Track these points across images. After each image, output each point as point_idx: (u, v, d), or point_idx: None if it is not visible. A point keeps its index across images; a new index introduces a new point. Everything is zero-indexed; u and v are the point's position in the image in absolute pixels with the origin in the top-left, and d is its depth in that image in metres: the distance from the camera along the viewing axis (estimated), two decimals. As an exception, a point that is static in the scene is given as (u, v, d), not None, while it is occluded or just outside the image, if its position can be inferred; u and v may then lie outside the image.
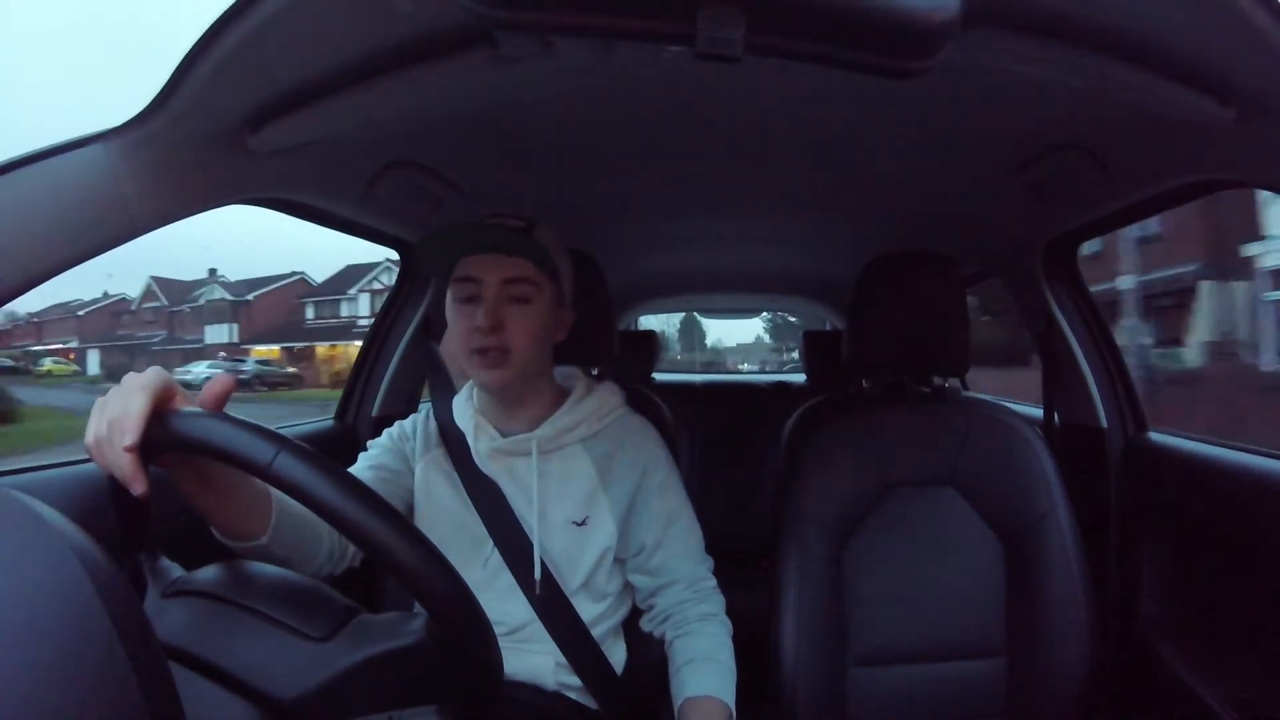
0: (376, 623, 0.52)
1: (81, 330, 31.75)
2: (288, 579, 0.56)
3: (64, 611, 0.35)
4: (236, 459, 0.47)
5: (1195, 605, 1.08)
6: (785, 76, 0.79)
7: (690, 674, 0.83)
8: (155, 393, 0.50)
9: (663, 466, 0.92)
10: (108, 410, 0.51)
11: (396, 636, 0.50)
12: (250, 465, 0.46)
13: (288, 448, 0.46)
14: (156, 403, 0.50)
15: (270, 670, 0.48)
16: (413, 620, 0.51)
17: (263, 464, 0.45)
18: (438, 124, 0.90)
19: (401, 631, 0.50)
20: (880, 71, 0.49)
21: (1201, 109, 0.65)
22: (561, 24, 0.48)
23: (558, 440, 0.89)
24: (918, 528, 1.02)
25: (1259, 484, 0.95)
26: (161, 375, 0.52)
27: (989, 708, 0.98)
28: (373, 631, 0.51)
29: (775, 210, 1.46)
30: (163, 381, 0.51)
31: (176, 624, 0.51)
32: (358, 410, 1.41)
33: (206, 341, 27.32)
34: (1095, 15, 0.57)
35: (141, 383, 0.51)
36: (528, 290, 0.83)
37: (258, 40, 0.58)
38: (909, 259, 1.11)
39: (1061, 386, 1.30)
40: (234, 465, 0.47)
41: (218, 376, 0.55)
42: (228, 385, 0.54)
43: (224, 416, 0.50)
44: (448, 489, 0.88)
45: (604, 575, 0.88)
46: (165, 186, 0.69)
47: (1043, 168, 1.01)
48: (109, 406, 0.51)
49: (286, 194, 0.94)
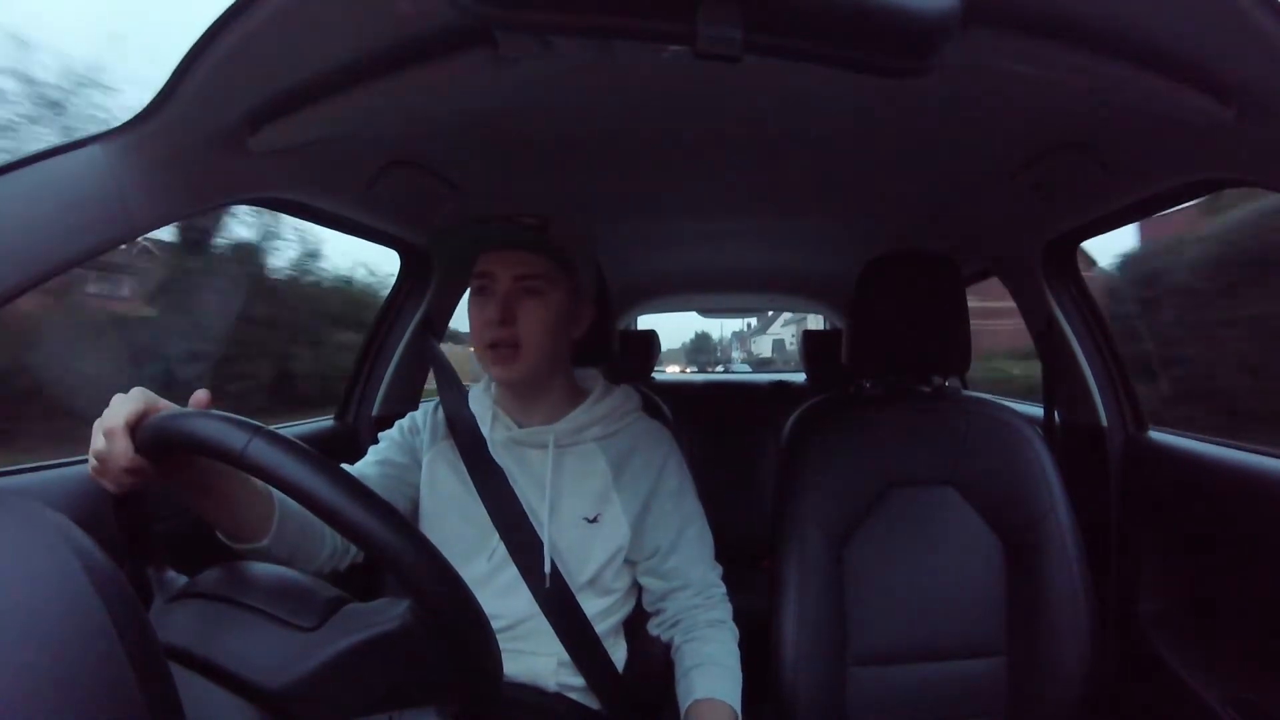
0: (363, 610, 0.52)
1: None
2: (280, 574, 0.57)
3: (64, 612, 0.35)
4: (211, 448, 0.48)
5: (1195, 605, 1.08)
6: (785, 76, 0.79)
7: (699, 678, 0.83)
8: (139, 404, 0.55)
9: (677, 471, 0.93)
10: (102, 425, 0.55)
11: (381, 622, 0.50)
12: (226, 454, 0.47)
13: (261, 435, 0.47)
14: (144, 412, 0.55)
15: (258, 661, 0.48)
16: (397, 605, 0.51)
17: (237, 450, 0.46)
18: (438, 124, 0.90)
19: (387, 617, 0.50)
20: (880, 71, 0.49)
21: (1201, 108, 0.65)
22: (561, 24, 0.48)
23: (575, 436, 0.89)
24: (918, 527, 1.02)
25: (1259, 483, 0.95)
26: (144, 390, 0.57)
27: (989, 707, 0.98)
28: (359, 618, 0.51)
29: (775, 210, 1.45)
30: (145, 395, 0.56)
31: (175, 625, 0.51)
32: (358, 410, 1.40)
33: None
34: (1095, 15, 0.57)
35: (127, 397, 0.56)
36: (540, 284, 0.84)
37: (258, 40, 0.58)
38: (909, 259, 1.11)
39: (1062, 386, 1.30)
40: (210, 455, 0.48)
41: (198, 393, 0.58)
42: (208, 398, 0.57)
43: (202, 412, 0.51)
44: (454, 480, 0.88)
45: (612, 573, 0.88)
46: (165, 186, 0.69)
47: (1043, 167, 1.01)
48: (102, 423, 0.55)
49: (286, 194, 0.94)
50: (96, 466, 0.55)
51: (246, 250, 3.34)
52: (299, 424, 1.37)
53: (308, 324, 3.55)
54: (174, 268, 3.18)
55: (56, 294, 2.29)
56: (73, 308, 2.51)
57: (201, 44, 0.59)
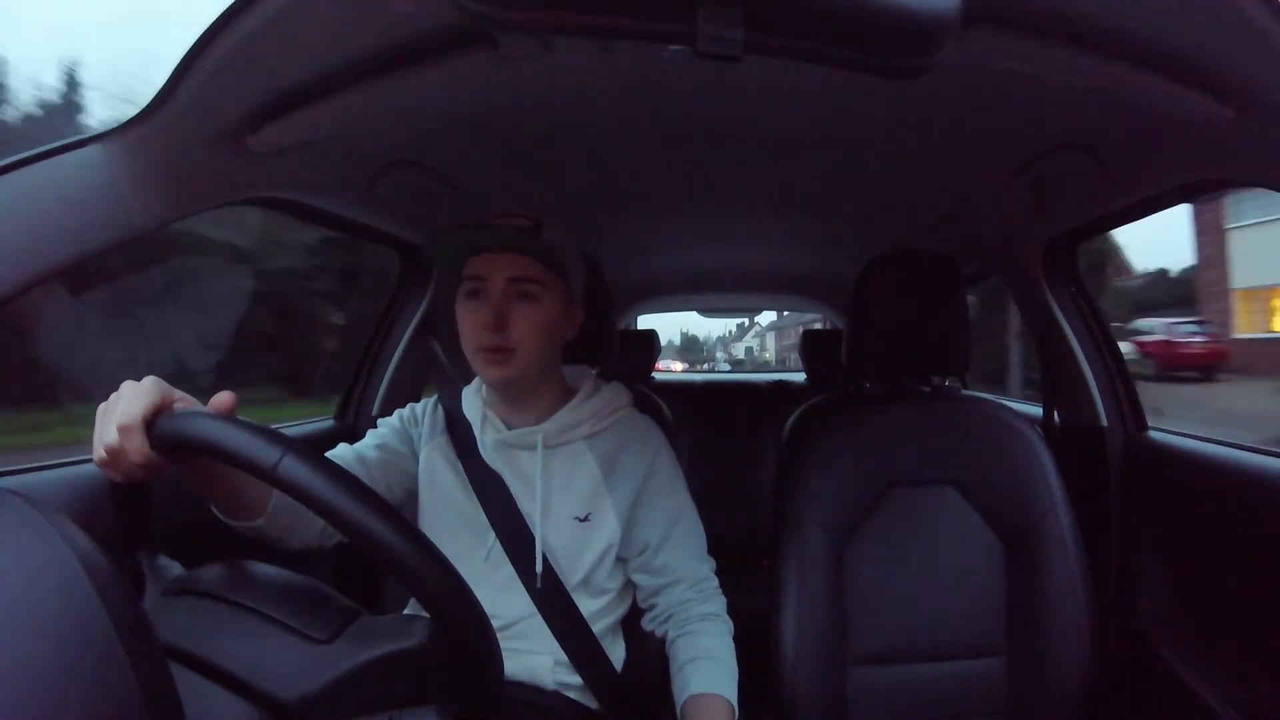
0: (379, 625, 0.52)
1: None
2: (290, 580, 0.56)
3: (64, 611, 0.35)
4: (240, 461, 0.47)
5: (1195, 604, 1.08)
6: (785, 76, 0.79)
7: (693, 672, 0.83)
8: (155, 398, 0.52)
9: (667, 466, 0.93)
10: (113, 418, 0.52)
11: (399, 639, 0.50)
12: (256, 469, 0.46)
13: (294, 450, 0.46)
14: (160, 405, 0.52)
15: (273, 671, 0.48)
16: (415, 622, 0.51)
17: (268, 466, 0.46)
18: (438, 124, 0.90)
19: (404, 633, 0.50)
20: (880, 71, 0.49)
21: (1201, 108, 0.65)
22: (561, 24, 0.48)
23: (563, 436, 0.89)
24: (918, 527, 1.02)
25: (1259, 483, 0.95)
26: (158, 381, 0.54)
27: (989, 707, 0.98)
28: (375, 633, 0.51)
29: (775, 210, 1.46)
30: (160, 386, 0.53)
31: (178, 624, 0.51)
32: (358, 410, 1.40)
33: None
34: (1095, 15, 0.57)
35: (142, 389, 0.53)
36: (534, 288, 0.83)
37: (257, 40, 0.58)
38: (909, 259, 1.11)
39: (1062, 385, 1.30)
40: (237, 467, 0.48)
41: (221, 395, 0.56)
42: (232, 401, 0.56)
43: (230, 418, 0.50)
44: (451, 478, 0.89)
45: (604, 572, 0.88)
46: (165, 186, 0.69)
47: (1043, 168, 1.01)
48: (113, 414, 0.52)
49: (286, 194, 0.94)
50: (105, 459, 0.53)
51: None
52: (299, 424, 1.37)
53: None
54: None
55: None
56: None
57: (201, 44, 0.59)
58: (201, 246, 3.13)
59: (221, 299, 3.14)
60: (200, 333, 2.75)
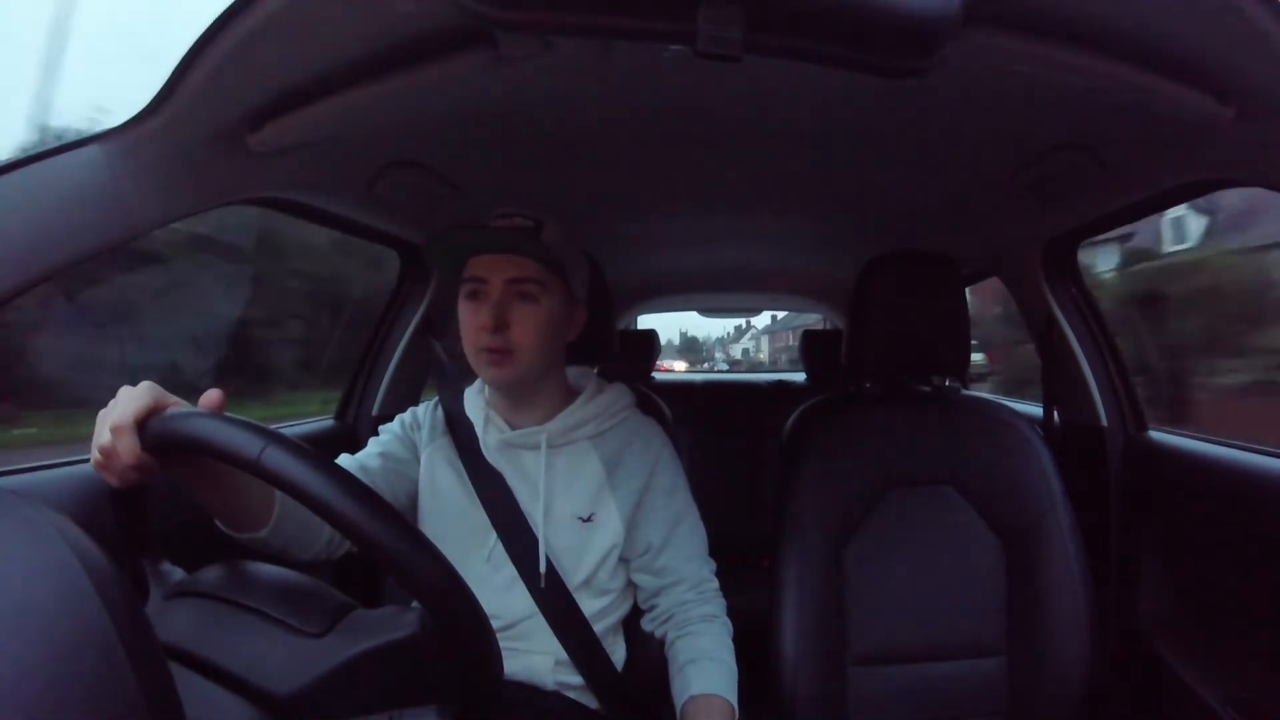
0: (372, 617, 0.52)
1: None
2: (285, 577, 0.57)
3: (64, 612, 0.35)
4: (224, 453, 0.47)
5: (1195, 604, 1.08)
6: (785, 76, 0.79)
7: (694, 673, 0.83)
8: (148, 400, 0.53)
9: (670, 468, 0.93)
10: (109, 420, 0.53)
11: (391, 630, 0.50)
12: (240, 460, 0.46)
13: (275, 441, 0.46)
14: (153, 408, 0.53)
15: (266, 666, 0.48)
16: (407, 614, 0.51)
17: (252, 457, 0.46)
18: (438, 124, 0.90)
19: (397, 625, 0.50)
20: (880, 71, 0.49)
21: (1201, 108, 0.65)
22: (561, 24, 0.48)
23: (567, 436, 0.89)
24: (917, 527, 1.02)
25: (1259, 483, 0.95)
26: (152, 385, 0.55)
27: (989, 707, 0.98)
28: (368, 626, 0.51)
29: (775, 210, 1.46)
30: (154, 390, 0.54)
31: (178, 625, 0.51)
32: (358, 410, 1.41)
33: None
34: (1094, 15, 0.57)
35: (136, 393, 0.54)
36: (533, 289, 0.83)
37: (257, 40, 0.58)
38: (909, 259, 1.11)
39: (1062, 385, 1.30)
40: (223, 460, 0.48)
41: (210, 393, 0.56)
42: (220, 399, 0.56)
43: (216, 414, 0.50)
44: (452, 479, 0.88)
45: (607, 572, 0.88)
46: (165, 186, 0.69)
47: (1043, 168, 1.01)
48: (109, 418, 0.53)
49: (286, 194, 0.94)
50: (100, 461, 0.54)
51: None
52: (299, 424, 1.37)
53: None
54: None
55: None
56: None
57: (201, 44, 0.59)
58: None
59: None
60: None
